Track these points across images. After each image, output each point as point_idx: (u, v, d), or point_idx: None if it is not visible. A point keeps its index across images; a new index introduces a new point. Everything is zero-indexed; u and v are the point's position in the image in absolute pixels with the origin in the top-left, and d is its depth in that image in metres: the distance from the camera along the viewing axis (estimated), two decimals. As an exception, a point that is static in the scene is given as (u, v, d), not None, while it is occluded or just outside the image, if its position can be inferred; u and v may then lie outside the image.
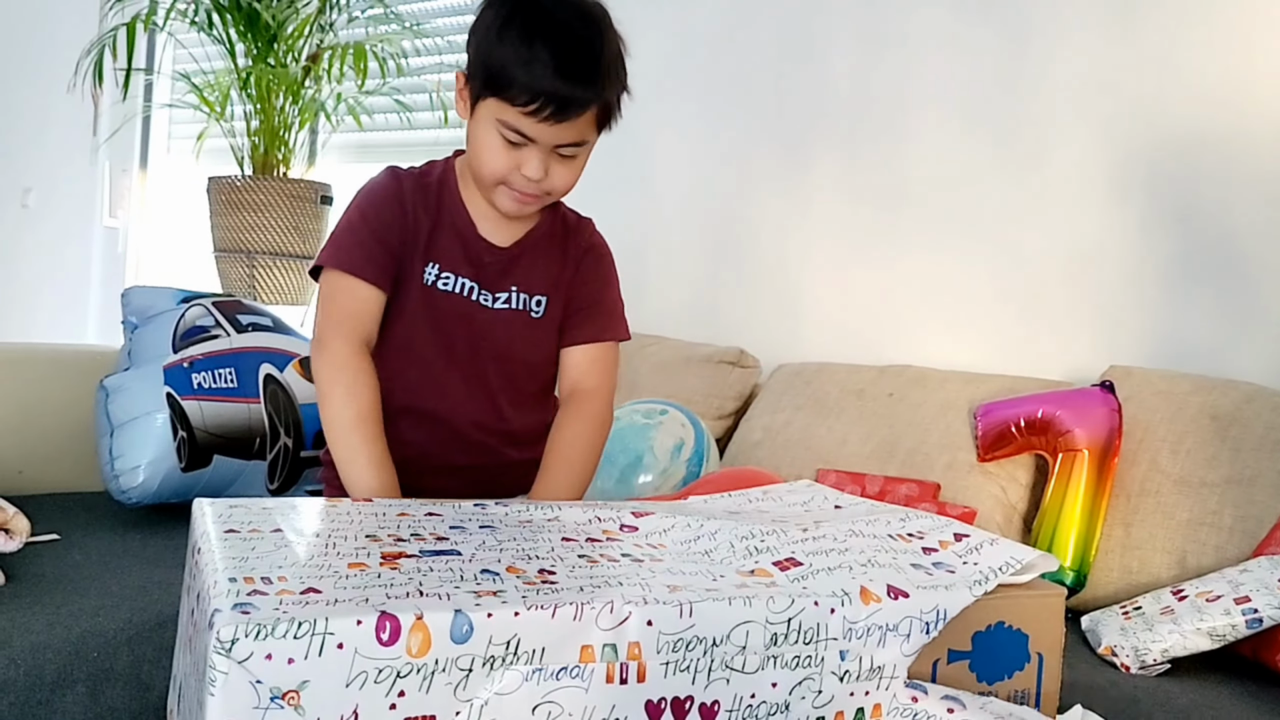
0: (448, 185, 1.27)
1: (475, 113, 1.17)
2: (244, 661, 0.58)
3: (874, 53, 2.28)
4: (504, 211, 1.24)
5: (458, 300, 1.25)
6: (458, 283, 1.25)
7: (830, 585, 0.78)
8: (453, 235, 1.25)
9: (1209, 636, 1.32)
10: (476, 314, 1.26)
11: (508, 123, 1.14)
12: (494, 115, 1.14)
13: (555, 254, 1.32)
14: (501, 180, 1.18)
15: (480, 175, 1.20)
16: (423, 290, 1.24)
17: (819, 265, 2.35)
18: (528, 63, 1.10)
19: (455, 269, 1.25)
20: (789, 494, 1.12)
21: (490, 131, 1.15)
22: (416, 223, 1.24)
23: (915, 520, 0.97)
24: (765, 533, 0.90)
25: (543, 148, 1.16)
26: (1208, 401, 1.67)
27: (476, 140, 1.18)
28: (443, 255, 1.25)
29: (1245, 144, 1.86)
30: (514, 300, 1.28)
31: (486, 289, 1.26)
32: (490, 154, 1.17)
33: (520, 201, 1.21)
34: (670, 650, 0.71)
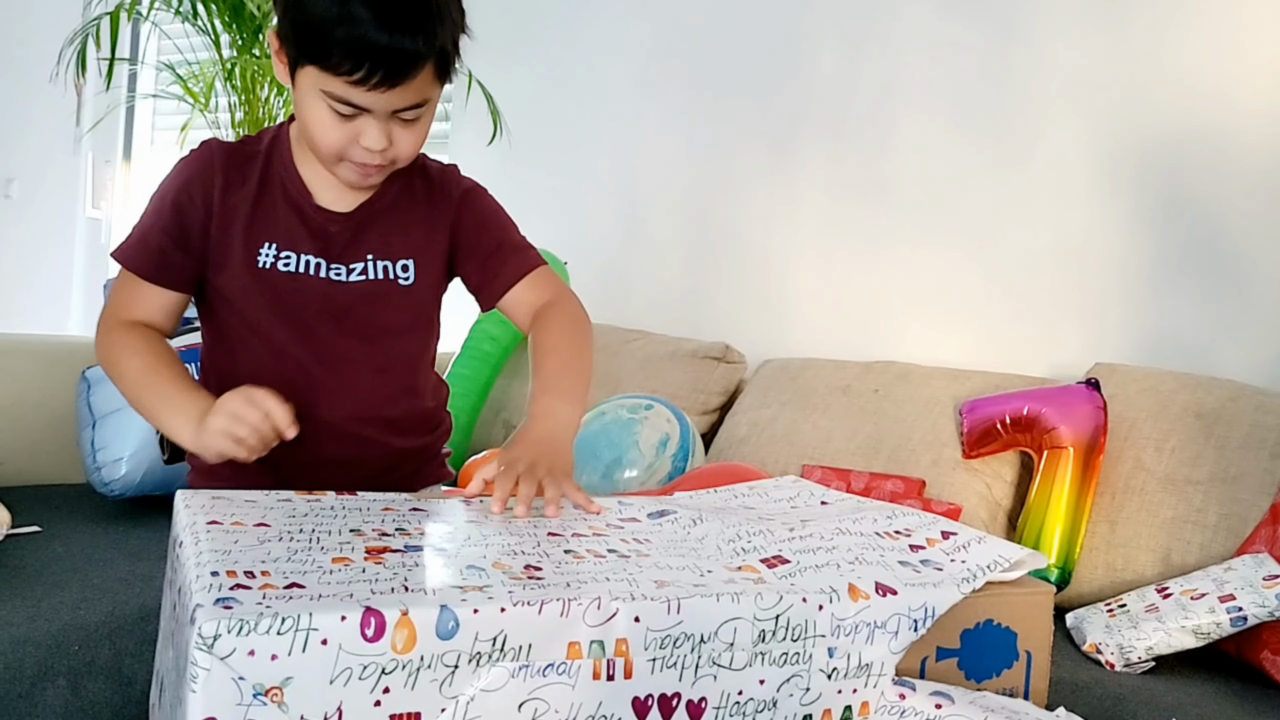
0: (277, 154, 1.12)
1: (297, 82, 1.02)
2: (226, 658, 0.58)
3: (860, 48, 2.28)
4: (349, 184, 1.10)
5: (306, 280, 1.10)
6: (300, 260, 1.10)
7: (818, 582, 0.78)
8: (287, 209, 1.10)
9: (1194, 634, 1.33)
10: (330, 292, 1.11)
11: (334, 94, 0.98)
12: (317, 86, 0.99)
13: (419, 211, 1.16)
14: (340, 155, 1.04)
15: (316, 150, 1.05)
16: (259, 275, 1.10)
17: (805, 261, 2.34)
18: (344, 20, 0.94)
19: (295, 246, 1.10)
20: (775, 490, 1.12)
21: (317, 103, 1.00)
22: (229, 201, 1.09)
23: (902, 517, 0.96)
24: (752, 531, 0.90)
25: (380, 115, 1.01)
26: (1193, 399, 1.68)
27: (304, 113, 1.02)
28: (277, 233, 1.10)
29: (1231, 141, 1.86)
30: (373, 269, 1.13)
31: (337, 262, 1.11)
32: (321, 128, 1.01)
33: (364, 173, 1.07)
34: (657, 647, 0.70)
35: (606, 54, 2.67)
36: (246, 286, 1.10)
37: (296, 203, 1.11)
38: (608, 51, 2.67)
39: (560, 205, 2.74)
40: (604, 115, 2.67)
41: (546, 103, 2.77)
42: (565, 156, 2.75)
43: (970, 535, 0.91)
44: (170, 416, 1.02)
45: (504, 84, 2.70)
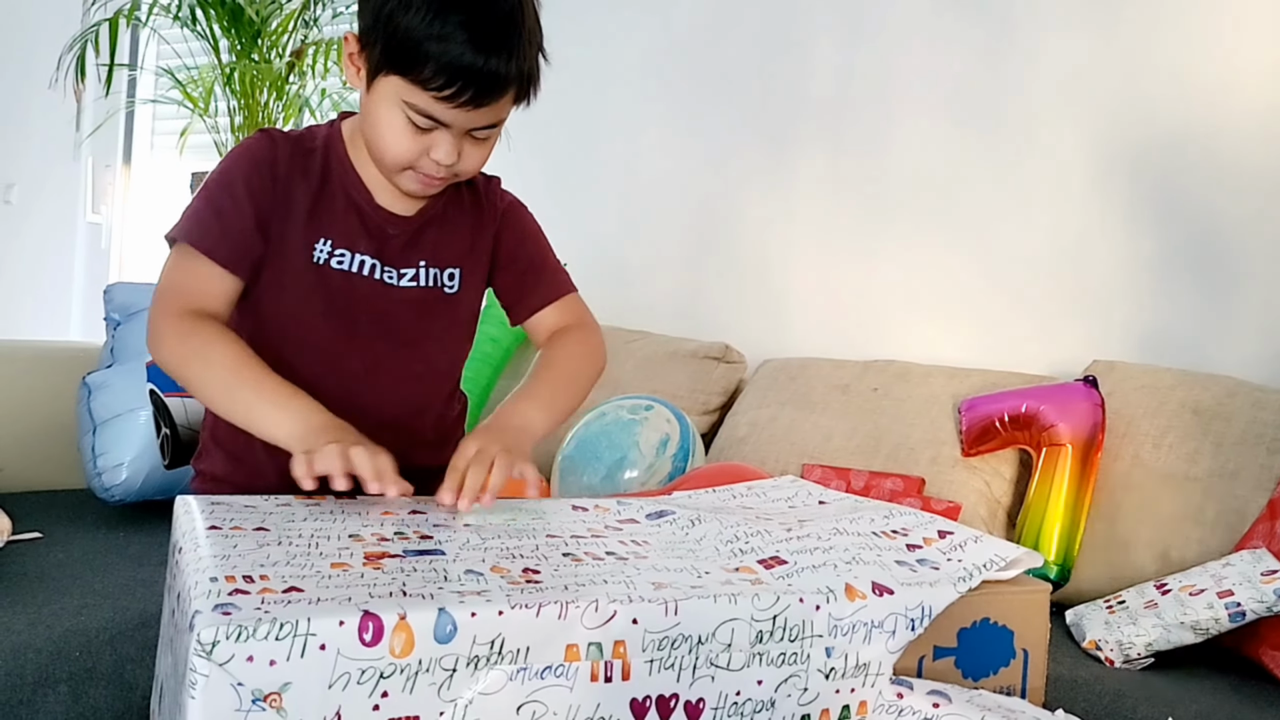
0: (335, 151, 1.11)
1: (374, 88, 1.01)
2: (225, 664, 0.58)
3: (857, 48, 2.28)
4: (407, 192, 1.09)
5: (358, 280, 1.09)
6: (355, 260, 1.09)
7: (815, 582, 0.78)
8: (346, 207, 1.09)
9: (1192, 630, 1.33)
10: (382, 294, 1.10)
11: (418, 106, 0.99)
12: (399, 96, 0.99)
13: (466, 220, 1.16)
14: (408, 165, 1.04)
15: (382, 159, 1.05)
16: (313, 270, 1.08)
17: (804, 260, 2.35)
18: (440, 38, 0.95)
19: (352, 245, 1.09)
20: (774, 490, 1.12)
21: (394, 113, 1.00)
22: (292, 193, 1.07)
23: (899, 517, 0.97)
24: (750, 532, 0.90)
25: (456, 131, 1.02)
26: (1190, 396, 1.68)
27: (377, 120, 1.02)
28: (335, 230, 1.08)
29: (1228, 138, 1.86)
30: (424, 276, 1.13)
31: (391, 265, 1.11)
32: (394, 137, 1.02)
33: (426, 184, 1.07)
34: (655, 648, 0.70)
35: (606, 55, 2.68)
36: (299, 280, 1.08)
37: (356, 201, 1.10)
38: (607, 53, 2.67)
39: (559, 205, 2.74)
40: (603, 115, 2.67)
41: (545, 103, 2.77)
42: (564, 157, 2.75)
43: (967, 534, 0.92)
44: (275, 411, 0.96)
45: (502, 86, 2.69)
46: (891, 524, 0.95)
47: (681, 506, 1.01)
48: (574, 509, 0.97)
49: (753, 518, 0.97)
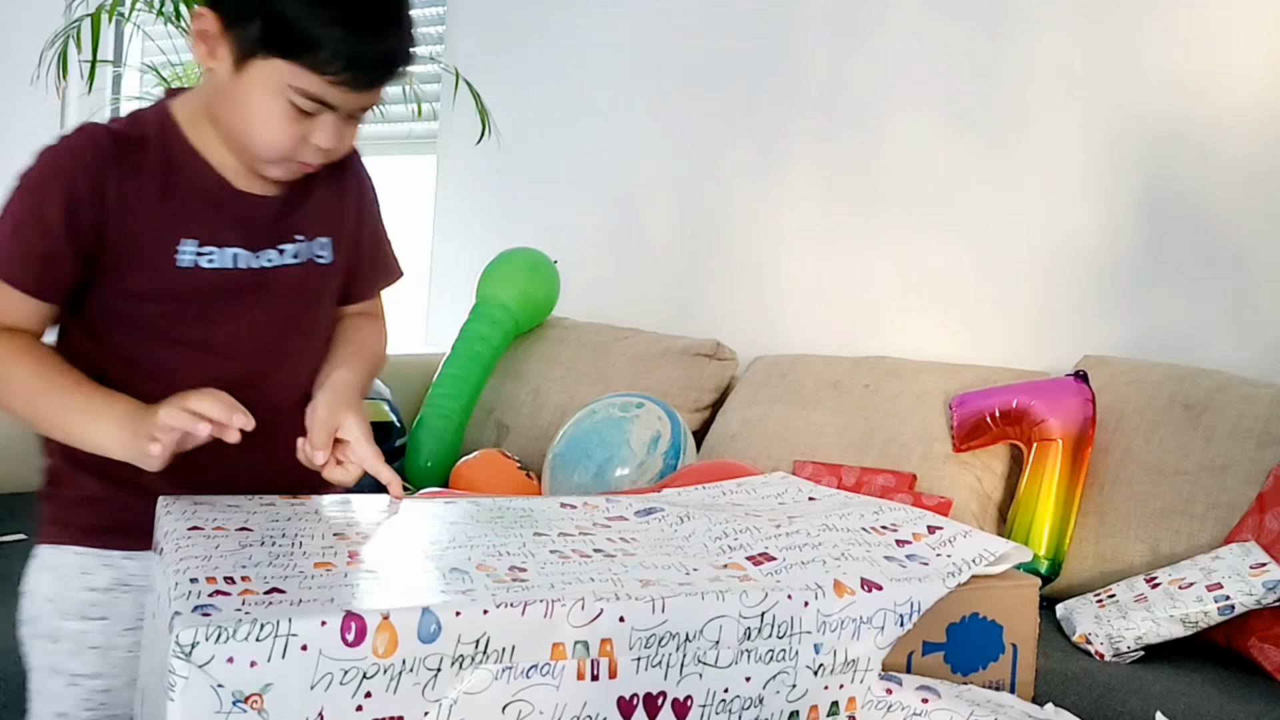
0: (173, 138, 0.98)
1: (246, 72, 0.92)
2: (204, 665, 0.57)
3: (849, 44, 2.27)
4: (275, 179, 1.00)
5: (234, 275, 0.99)
6: (226, 255, 0.99)
7: (804, 579, 0.78)
8: (202, 199, 0.98)
9: (1182, 623, 1.33)
10: (261, 282, 1.01)
11: (308, 91, 0.91)
12: (284, 81, 0.91)
13: (331, 187, 1.07)
14: (286, 155, 0.95)
15: (254, 149, 0.95)
16: (181, 275, 0.97)
17: (795, 257, 2.34)
18: (332, 19, 0.89)
19: (217, 239, 0.98)
20: (763, 486, 1.12)
21: (274, 99, 0.92)
22: (129, 199, 0.95)
23: (889, 513, 0.96)
24: (739, 529, 0.90)
25: (342, 115, 0.95)
26: (1180, 390, 1.68)
27: (250, 107, 0.93)
28: (196, 227, 0.97)
29: (1219, 134, 1.87)
30: (300, 251, 1.04)
31: (263, 247, 1.01)
32: (273, 126, 0.93)
33: (298, 171, 0.99)
34: (643, 646, 0.70)
35: (595, 51, 2.67)
36: (166, 290, 0.97)
37: (211, 191, 0.98)
38: (596, 49, 2.66)
39: (550, 204, 2.74)
40: (593, 113, 2.67)
41: (535, 101, 2.77)
42: (554, 155, 2.75)
43: (956, 529, 0.91)
44: (89, 421, 0.90)
45: (491, 82, 2.69)
46: (881, 520, 0.94)
47: (670, 504, 1.00)
48: (562, 506, 0.97)
49: (742, 514, 0.96)
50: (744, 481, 1.14)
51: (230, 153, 0.98)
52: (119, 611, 0.97)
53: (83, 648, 0.97)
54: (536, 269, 2.39)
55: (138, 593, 0.97)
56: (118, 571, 0.98)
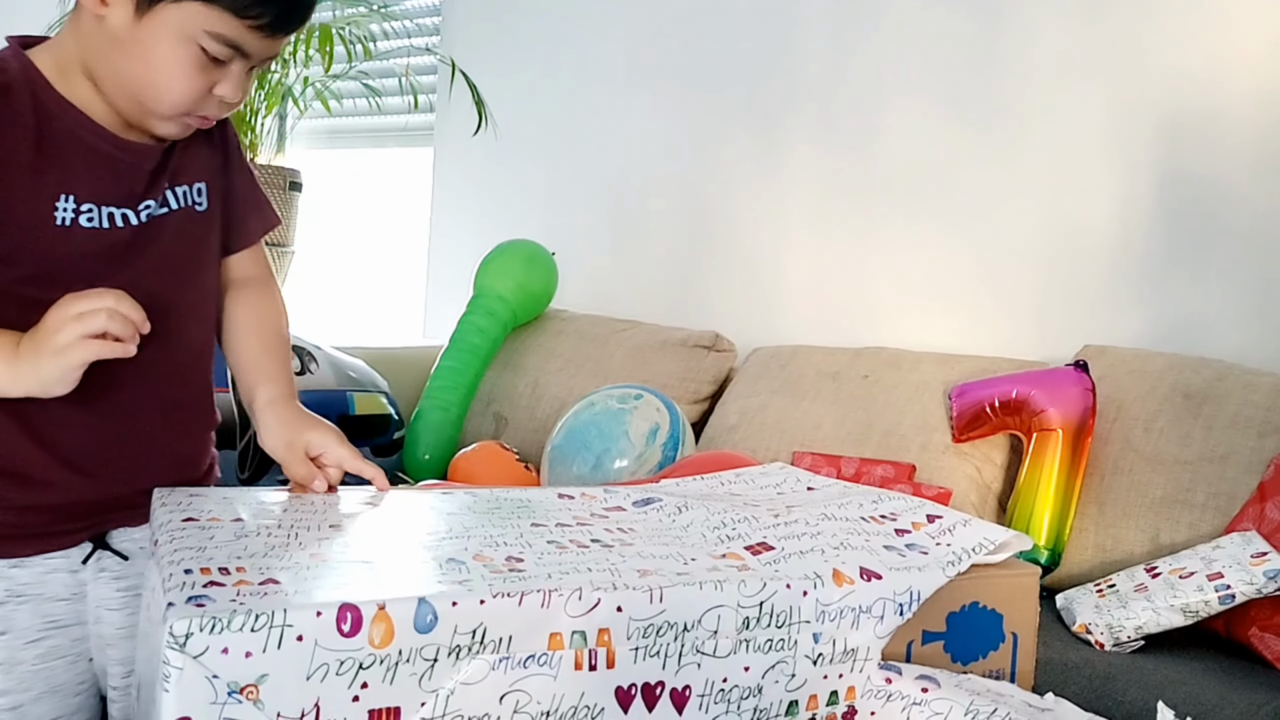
0: (39, 87, 0.90)
1: (150, 18, 0.86)
2: (199, 656, 0.57)
3: (848, 35, 2.26)
4: (164, 135, 0.94)
5: (117, 235, 0.92)
6: (104, 214, 0.92)
7: (802, 568, 0.78)
8: (83, 151, 0.91)
9: (1182, 613, 1.33)
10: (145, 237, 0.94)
11: (224, 36, 0.87)
12: (199, 26, 0.86)
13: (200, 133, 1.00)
14: (187, 111, 0.90)
15: (155, 102, 0.89)
16: (59, 235, 0.89)
17: (794, 248, 2.34)
18: None
19: (99, 196, 0.91)
20: (761, 476, 1.11)
21: (182, 47, 0.86)
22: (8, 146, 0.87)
23: (888, 502, 0.96)
24: (737, 518, 0.89)
25: (251, 63, 0.91)
26: (1180, 380, 1.68)
27: (153, 56, 0.87)
28: (76, 182, 0.90)
29: (1219, 123, 1.86)
30: (175, 198, 0.97)
31: (146, 199, 0.94)
32: (179, 76, 0.87)
33: (190, 128, 0.94)
34: (640, 636, 0.69)
35: (593, 43, 2.66)
36: (40, 250, 0.88)
37: (92, 144, 0.91)
38: (594, 40, 2.65)
39: (547, 196, 2.73)
40: (591, 104, 2.66)
41: (532, 92, 2.76)
42: (552, 147, 2.74)
43: (955, 518, 0.91)
44: None
45: (488, 74, 2.68)
46: (880, 509, 0.94)
47: (668, 494, 1.00)
48: (560, 497, 0.96)
49: (740, 504, 0.96)
50: (742, 472, 1.14)
51: (118, 108, 0.91)
52: (18, 624, 0.91)
53: None
54: (534, 261, 2.39)
55: (36, 603, 0.92)
56: (8, 582, 0.91)
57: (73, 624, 0.94)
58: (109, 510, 0.95)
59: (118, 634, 0.96)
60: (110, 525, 0.96)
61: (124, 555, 0.96)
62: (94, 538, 0.95)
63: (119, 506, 0.95)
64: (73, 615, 0.94)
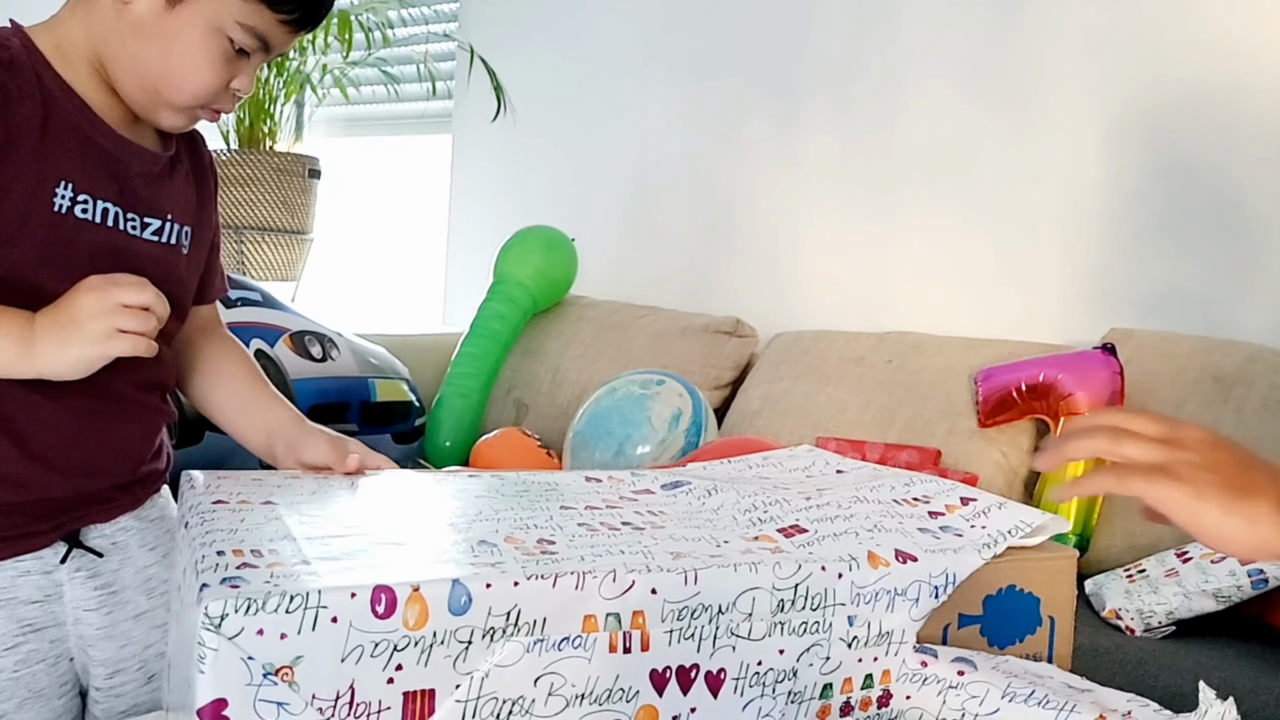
0: (44, 70, 0.88)
1: (183, 7, 0.86)
2: (234, 637, 0.56)
3: (867, 19, 2.24)
4: (172, 129, 0.94)
5: (102, 233, 0.89)
6: (98, 208, 0.88)
7: (837, 550, 0.77)
8: (80, 141, 0.88)
9: (1214, 598, 1.32)
10: (126, 249, 0.91)
11: (255, 29, 0.88)
12: (232, 18, 0.87)
13: (194, 173, 1.01)
14: (206, 101, 0.90)
15: (173, 91, 0.89)
16: (54, 222, 0.86)
17: (815, 232, 2.32)
18: None
19: (94, 189, 0.88)
20: (789, 459, 1.10)
21: (213, 38, 0.87)
22: (10, 123, 0.84)
23: (920, 484, 0.95)
24: (768, 501, 0.88)
25: (265, 58, 0.93)
26: (1210, 363, 1.66)
27: (179, 45, 0.87)
28: (73, 170, 0.87)
29: (1245, 102, 1.83)
30: (167, 230, 0.95)
31: (133, 211, 0.91)
32: (205, 66, 0.88)
33: (195, 122, 0.94)
34: (675, 619, 0.69)
35: (611, 27, 2.64)
36: (35, 235, 0.85)
37: (90, 135, 0.89)
38: (612, 25, 2.64)
39: (567, 181, 2.72)
40: (610, 89, 2.64)
41: (551, 78, 2.75)
42: (571, 132, 2.73)
43: (990, 500, 0.90)
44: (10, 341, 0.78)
45: (507, 59, 2.67)
46: (912, 491, 0.93)
47: (697, 477, 0.99)
48: (587, 480, 0.95)
49: (770, 487, 0.95)
50: (770, 455, 1.13)
51: (129, 96, 0.90)
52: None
53: None
54: (554, 247, 2.38)
55: (10, 607, 0.89)
56: None
57: (48, 625, 0.91)
58: (80, 506, 0.92)
59: (98, 634, 0.94)
60: (82, 522, 0.93)
61: (98, 553, 0.94)
62: (66, 536, 0.92)
63: (90, 502, 0.93)
64: (48, 617, 0.91)
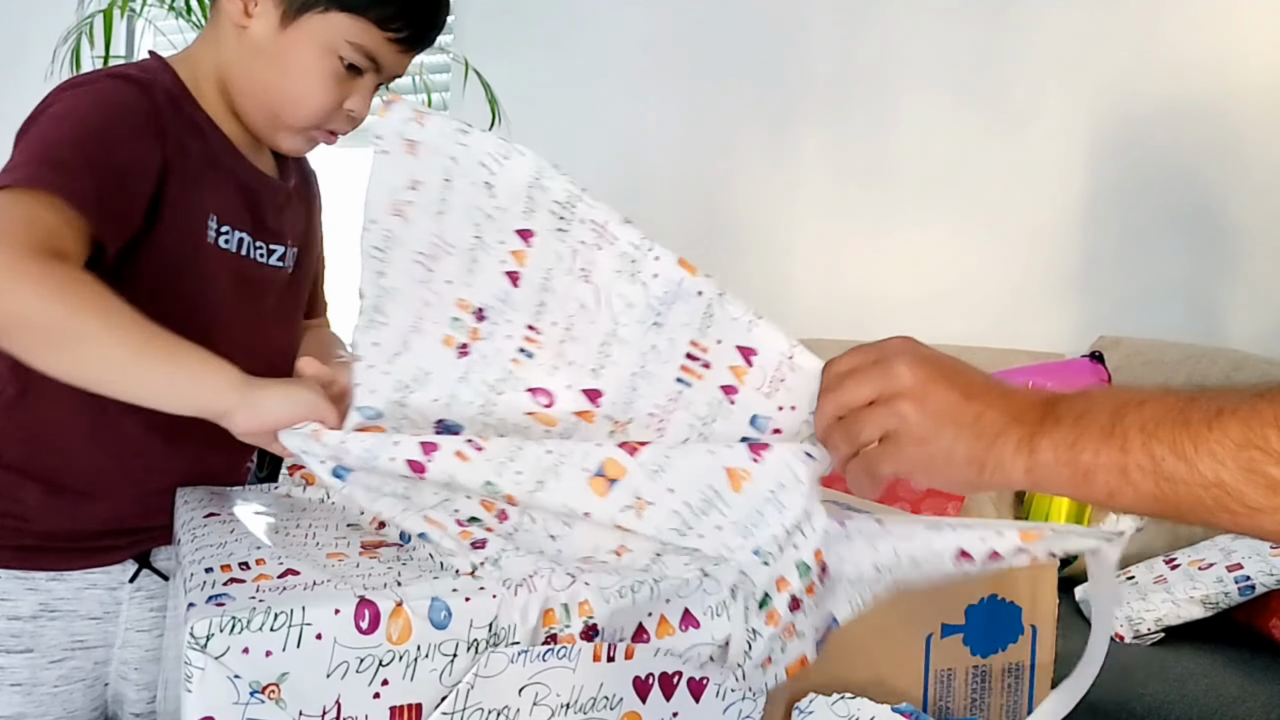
0: (185, 101, 0.90)
1: (296, 27, 0.87)
2: (220, 656, 0.57)
3: (856, 28, 2.26)
4: (290, 151, 0.96)
5: (241, 264, 0.93)
6: (236, 238, 0.92)
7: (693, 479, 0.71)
8: (222, 173, 0.91)
9: (1202, 604, 1.33)
10: (257, 278, 0.95)
11: (366, 48, 0.88)
12: (341, 36, 0.87)
13: (305, 196, 1.05)
14: (321, 122, 0.92)
15: (293, 112, 0.90)
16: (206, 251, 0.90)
17: (806, 241, 2.33)
18: None
19: (235, 220, 0.92)
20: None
21: (325, 58, 0.88)
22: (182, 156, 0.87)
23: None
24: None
25: (381, 79, 0.93)
26: (1196, 370, 1.67)
27: (296, 66, 0.88)
28: (219, 202, 0.91)
29: (1233, 110, 1.84)
30: (288, 256, 0.99)
31: (261, 240, 0.95)
32: (320, 86, 0.89)
33: (318, 142, 0.95)
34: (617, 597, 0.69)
35: (604, 39, 2.66)
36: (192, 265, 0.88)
37: (230, 166, 0.92)
38: (605, 37, 2.66)
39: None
40: (603, 101, 2.66)
41: (544, 89, 2.76)
42: (564, 142, 2.74)
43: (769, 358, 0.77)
44: (209, 372, 0.74)
45: (500, 71, 2.68)
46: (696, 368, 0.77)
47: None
48: None
49: None
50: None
51: (251, 120, 0.93)
52: (46, 642, 0.89)
53: (2, 685, 0.88)
54: (548, 257, 2.39)
55: (68, 620, 0.90)
56: (43, 596, 0.89)
57: (98, 645, 0.93)
58: (154, 528, 0.93)
59: (145, 656, 0.95)
60: (154, 543, 0.95)
61: (165, 575, 0.95)
62: (137, 556, 0.94)
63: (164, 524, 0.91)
64: (100, 636, 0.93)
